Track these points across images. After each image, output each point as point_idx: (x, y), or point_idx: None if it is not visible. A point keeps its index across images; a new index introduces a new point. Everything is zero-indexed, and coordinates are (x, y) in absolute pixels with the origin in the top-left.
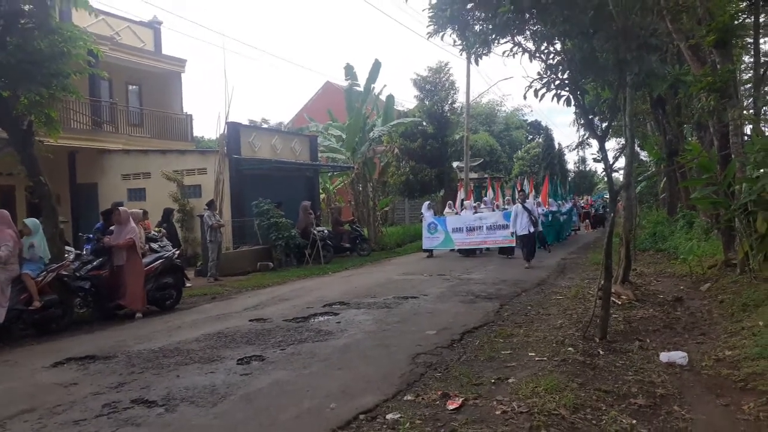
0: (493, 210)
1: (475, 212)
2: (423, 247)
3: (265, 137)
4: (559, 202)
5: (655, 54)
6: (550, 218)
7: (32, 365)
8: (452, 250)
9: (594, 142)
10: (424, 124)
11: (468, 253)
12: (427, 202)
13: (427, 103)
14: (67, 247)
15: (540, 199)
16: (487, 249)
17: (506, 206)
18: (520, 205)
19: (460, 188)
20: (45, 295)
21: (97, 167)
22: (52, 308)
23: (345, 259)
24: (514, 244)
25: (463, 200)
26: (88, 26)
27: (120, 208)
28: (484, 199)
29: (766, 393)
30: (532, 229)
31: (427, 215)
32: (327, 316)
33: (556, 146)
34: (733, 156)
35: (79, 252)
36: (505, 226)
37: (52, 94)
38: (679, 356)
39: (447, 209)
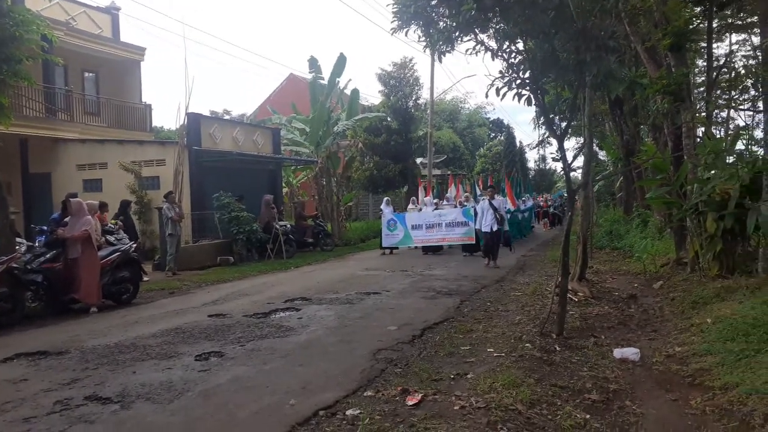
0: (455, 207)
1: (436, 209)
2: (382, 245)
3: (226, 129)
4: (523, 199)
5: (613, 55)
6: (514, 216)
7: None
8: (412, 248)
9: (554, 141)
10: (389, 119)
11: (432, 249)
12: (386, 198)
13: (391, 98)
14: (18, 239)
15: (507, 198)
16: (450, 246)
17: (465, 203)
18: (486, 202)
19: (420, 185)
20: None
21: (51, 156)
22: (2, 302)
23: (308, 255)
24: (473, 242)
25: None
26: (41, 10)
27: (73, 199)
28: (447, 196)
29: (713, 388)
30: (495, 227)
31: (386, 212)
32: (288, 311)
33: (518, 144)
34: (685, 157)
35: (31, 244)
36: (464, 224)
37: (2, 79)
38: (631, 352)
39: (410, 205)
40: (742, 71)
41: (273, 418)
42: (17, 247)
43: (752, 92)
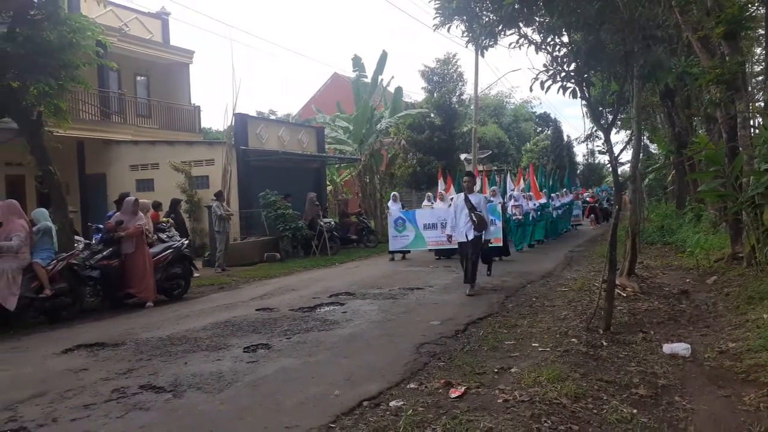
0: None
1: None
2: (390, 249)
3: (272, 129)
4: (557, 193)
5: (661, 46)
6: (539, 213)
7: (43, 351)
8: (429, 251)
9: (602, 135)
10: (432, 115)
11: (447, 254)
12: (394, 194)
13: (435, 94)
14: (76, 237)
15: (531, 192)
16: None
17: (491, 198)
18: (461, 196)
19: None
20: (55, 283)
21: (106, 158)
22: (63, 296)
23: (352, 251)
24: (501, 243)
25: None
26: (96, 17)
27: (126, 198)
28: (439, 192)
29: (767, 384)
30: (471, 235)
31: (393, 209)
32: (333, 306)
33: (565, 138)
34: (740, 149)
35: (88, 242)
36: (491, 222)
37: (61, 84)
38: (682, 348)
39: (426, 202)
40: None
41: (318, 407)
42: (75, 245)
43: None
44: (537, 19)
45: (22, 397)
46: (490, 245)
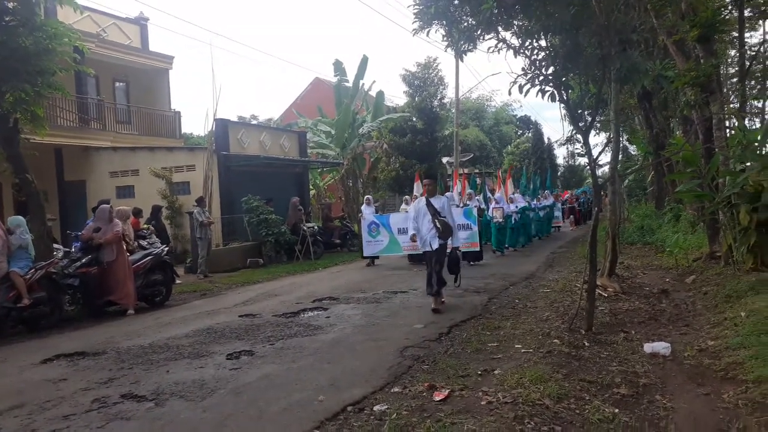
0: (459, 206)
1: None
2: (364, 254)
3: (253, 133)
4: (537, 196)
5: (637, 49)
6: (525, 216)
7: (21, 362)
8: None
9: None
10: (414, 119)
11: (420, 259)
12: (367, 197)
13: (416, 98)
14: (55, 245)
15: (515, 195)
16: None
17: (467, 202)
18: (422, 200)
19: (455, 183)
20: (34, 292)
21: (85, 165)
22: (41, 306)
23: (335, 255)
24: (478, 248)
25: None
26: (73, 23)
27: (100, 207)
28: (447, 194)
29: (746, 382)
30: (436, 244)
31: (367, 213)
32: (316, 311)
33: (546, 141)
34: (716, 150)
35: (67, 249)
36: (465, 227)
37: (37, 91)
38: (662, 347)
39: (403, 205)
40: None
41: (302, 413)
42: (54, 253)
43: None
44: (515, 23)
45: (0, 408)
46: (465, 250)
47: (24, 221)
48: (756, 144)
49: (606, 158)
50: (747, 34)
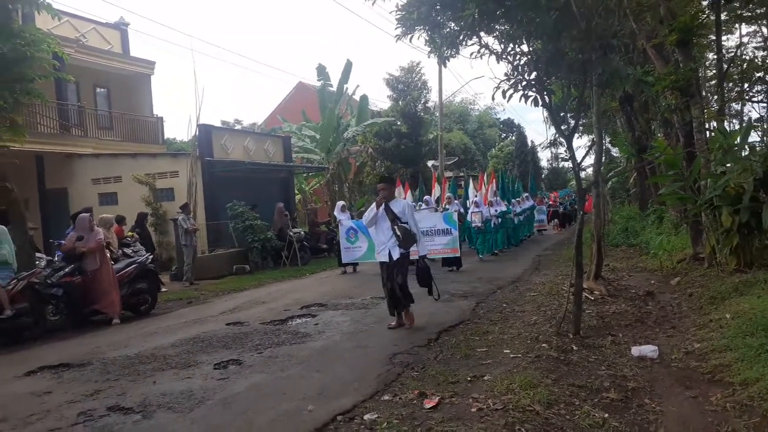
0: (437, 211)
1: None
2: (342, 261)
3: (237, 139)
4: (517, 199)
5: (617, 54)
6: (507, 220)
7: (4, 375)
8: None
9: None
10: (398, 123)
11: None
12: (341, 203)
13: (400, 102)
14: (37, 254)
15: (495, 198)
16: (432, 259)
17: (447, 206)
18: (381, 208)
19: (434, 186)
20: (16, 303)
21: (67, 172)
22: (24, 317)
23: (322, 261)
24: (458, 254)
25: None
26: (52, 28)
27: (79, 216)
28: (426, 198)
29: (733, 384)
30: (397, 254)
31: (343, 219)
32: (305, 318)
33: (529, 144)
34: (697, 153)
35: (50, 258)
36: (446, 231)
37: (16, 98)
38: (649, 350)
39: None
40: (757, 60)
41: (291, 424)
42: (37, 262)
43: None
44: (497, 27)
45: None
46: (445, 256)
47: (5, 230)
48: (736, 147)
49: (589, 161)
50: (724, 37)
